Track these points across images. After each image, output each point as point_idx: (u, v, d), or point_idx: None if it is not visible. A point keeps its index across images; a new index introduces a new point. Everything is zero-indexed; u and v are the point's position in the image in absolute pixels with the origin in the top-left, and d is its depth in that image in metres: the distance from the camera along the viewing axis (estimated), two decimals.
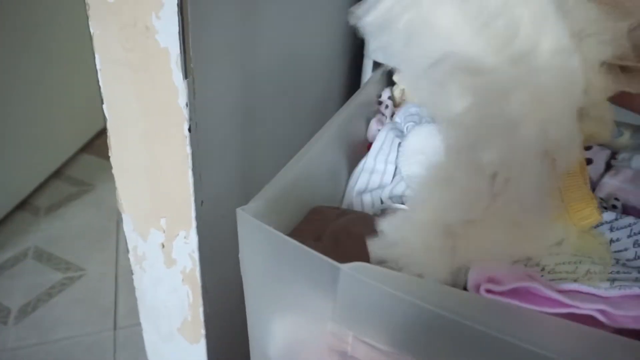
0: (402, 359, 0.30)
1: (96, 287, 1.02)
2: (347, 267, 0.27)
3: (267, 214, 0.33)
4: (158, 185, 0.40)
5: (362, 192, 0.49)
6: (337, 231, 0.36)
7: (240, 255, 0.34)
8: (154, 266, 0.45)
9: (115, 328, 0.92)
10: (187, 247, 0.41)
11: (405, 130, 0.50)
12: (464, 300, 0.26)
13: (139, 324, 0.52)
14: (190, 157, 0.36)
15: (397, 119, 0.52)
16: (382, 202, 0.48)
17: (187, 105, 0.34)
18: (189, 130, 0.35)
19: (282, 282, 0.32)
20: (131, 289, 0.49)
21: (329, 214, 0.40)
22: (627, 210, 0.43)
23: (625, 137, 0.50)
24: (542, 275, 0.29)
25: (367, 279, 0.26)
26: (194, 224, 0.39)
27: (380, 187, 0.48)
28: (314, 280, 0.29)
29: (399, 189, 0.47)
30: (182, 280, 0.44)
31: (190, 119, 0.35)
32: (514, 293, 0.28)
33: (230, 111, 0.43)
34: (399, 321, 0.27)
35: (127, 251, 0.45)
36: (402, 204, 0.46)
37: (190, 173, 0.37)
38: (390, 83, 0.63)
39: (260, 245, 0.32)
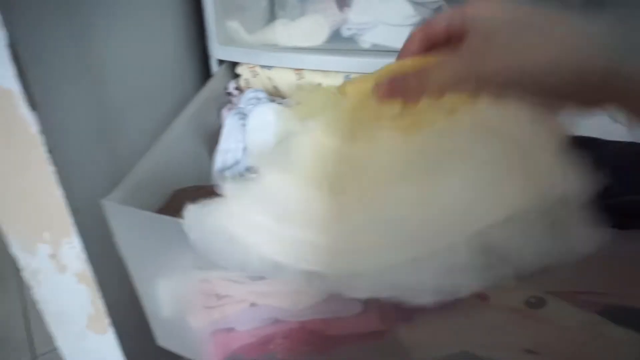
0: (258, 280, 0.41)
1: (7, 325, 1.01)
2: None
3: (132, 200, 0.41)
4: (34, 205, 0.46)
5: (222, 170, 0.58)
6: (190, 197, 0.45)
7: (116, 240, 0.41)
8: (48, 277, 0.50)
9: (35, 358, 0.94)
10: (73, 251, 0.47)
11: (247, 112, 0.59)
12: None
13: (56, 347, 0.57)
14: (55, 174, 0.43)
15: (240, 104, 0.62)
16: (241, 175, 0.58)
17: (40, 132, 0.41)
18: (49, 152, 0.42)
19: (153, 252, 0.40)
20: (43, 320, 0.54)
21: (188, 191, 0.48)
22: None
23: None
24: None
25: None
26: (73, 230, 0.46)
27: (236, 163, 0.58)
28: (172, 240, 0.38)
29: (250, 160, 0.57)
30: (77, 281, 0.50)
31: (48, 143, 0.41)
32: None
33: (88, 128, 0.49)
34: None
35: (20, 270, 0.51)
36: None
37: (59, 188, 0.44)
38: (236, 76, 0.72)
39: (128, 226, 0.40)
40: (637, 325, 0.40)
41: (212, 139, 0.63)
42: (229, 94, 0.69)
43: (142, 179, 0.44)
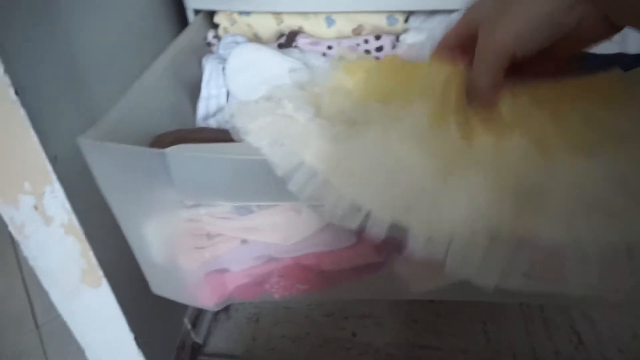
0: (246, 214, 0.40)
1: (7, 297, 1.02)
2: (169, 150, 0.34)
3: (110, 139, 0.39)
4: (10, 154, 0.44)
5: (206, 118, 0.56)
6: (176, 139, 0.43)
7: (96, 181, 0.40)
8: (34, 229, 0.49)
9: (37, 327, 0.94)
10: (57, 201, 0.46)
11: (226, 56, 0.57)
12: None
13: (59, 317, 0.56)
14: (26, 118, 0.41)
15: (219, 51, 0.59)
16: (227, 122, 0.56)
17: (5, 71, 0.39)
18: (16, 93, 0.40)
19: (135, 191, 0.39)
20: (43, 290, 0.53)
21: (169, 135, 0.47)
22: None
23: (400, 23, 0.62)
24: None
25: (189, 153, 0.34)
26: (54, 177, 0.44)
27: (220, 109, 0.56)
28: (155, 175, 0.36)
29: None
30: (65, 233, 0.49)
31: (14, 84, 0.39)
32: None
33: (58, 75, 0.47)
34: (228, 180, 0.36)
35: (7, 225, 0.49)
36: None
37: (32, 133, 0.42)
38: (215, 26, 0.70)
39: (107, 165, 0.38)
40: None
41: (195, 90, 0.61)
42: (209, 44, 0.66)
43: (119, 120, 0.42)
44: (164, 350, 0.71)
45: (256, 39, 0.67)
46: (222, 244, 0.43)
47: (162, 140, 0.46)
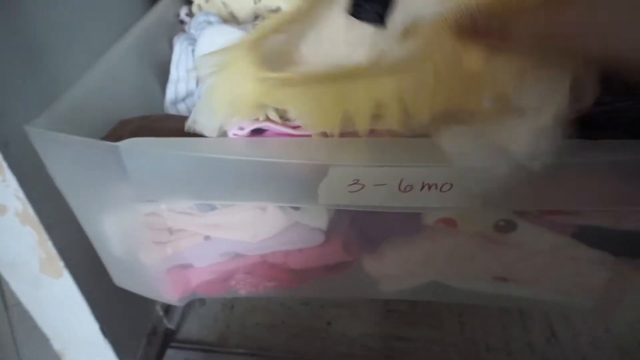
0: (209, 211, 0.38)
1: None
2: (123, 144, 0.32)
3: (64, 128, 0.36)
4: None
5: (175, 102, 0.53)
6: (138, 128, 0.41)
7: (49, 172, 0.37)
8: None
9: (5, 307, 0.92)
10: (9, 189, 0.44)
11: (197, 37, 0.54)
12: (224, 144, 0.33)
13: None
14: None
15: (191, 30, 0.56)
16: None
17: None
18: None
19: (90, 184, 0.37)
20: None
21: (134, 121, 0.44)
22: None
23: None
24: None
25: (144, 147, 0.32)
26: (4, 165, 0.42)
27: (189, 94, 0.53)
28: (109, 169, 0.34)
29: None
30: (21, 222, 0.46)
31: None
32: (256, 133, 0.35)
33: (10, 53, 0.44)
34: (186, 178, 0.34)
35: None
36: None
37: None
38: (189, 2, 0.66)
39: (60, 156, 0.36)
40: (608, 246, 0.38)
41: (165, 71, 0.57)
42: (181, 21, 0.63)
43: (76, 104, 0.39)
44: (133, 338, 0.69)
45: (231, 18, 0.63)
46: (184, 239, 0.41)
47: (124, 128, 0.43)
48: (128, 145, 0.32)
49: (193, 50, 0.52)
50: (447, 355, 0.76)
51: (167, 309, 0.81)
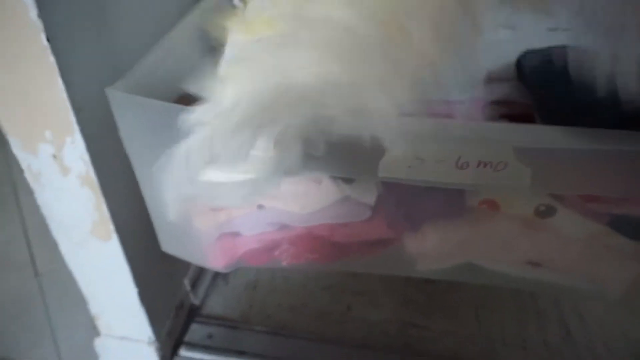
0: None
1: (8, 246, 1.02)
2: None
3: (137, 92, 0.39)
4: (35, 101, 0.44)
5: None
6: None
7: (120, 134, 0.40)
8: (51, 178, 0.50)
9: (36, 275, 0.95)
10: (76, 151, 0.46)
11: None
12: None
13: (59, 267, 0.56)
14: (56, 66, 0.41)
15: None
16: None
17: (38, 16, 0.38)
18: (48, 40, 0.39)
19: (159, 148, 0.39)
20: (44, 240, 0.53)
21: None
22: None
23: None
24: None
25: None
26: (77, 128, 0.44)
27: None
28: (180, 135, 0.36)
29: None
30: (81, 184, 0.49)
31: (46, 30, 0.39)
32: None
33: (87, 22, 0.46)
34: None
35: (22, 171, 0.50)
36: None
37: (60, 82, 0.42)
38: None
39: (134, 118, 0.38)
40: None
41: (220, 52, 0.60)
42: (234, 6, 0.66)
43: (146, 74, 0.42)
44: (164, 308, 0.72)
45: None
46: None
47: (187, 100, 0.46)
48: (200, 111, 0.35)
49: None
50: (464, 346, 0.78)
51: (194, 284, 0.83)
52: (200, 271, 0.86)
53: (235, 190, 0.37)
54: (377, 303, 0.85)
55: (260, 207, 0.43)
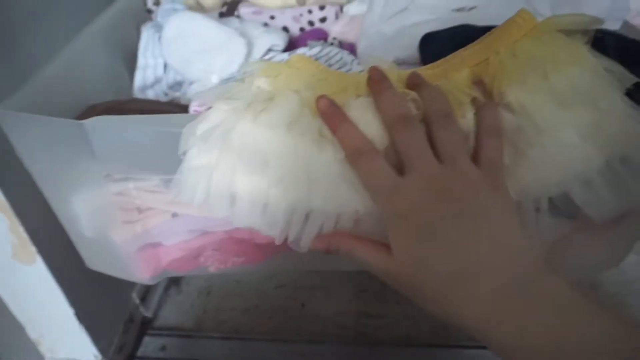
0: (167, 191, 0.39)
1: None
2: (88, 121, 0.33)
3: (32, 110, 0.37)
4: None
5: (143, 89, 0.55)
6: (107, 109, 0.42)
7: (18, 154, 0.38)
8: None
9: None
10: None
11: (163, 24, 0.55)
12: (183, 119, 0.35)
13: None
14: None
15: (157, 18, 0.57)
16: (165, 94, 0.55)
17: None
18: None
19: (59, 165, 0.38)
20: None
21: (103, 104, 0.45)
22: (344, 46, 0.55)
23: None
24: None
25: (108, 123, 0.33)
26: None
27: (157, 80, 0.54)
28: (77, 147, 0.35)
29: (171, 76, 0.54)
30: None
31: None
32: None
33: None
34: (151, 153, 0.35)
35: None
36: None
37: None
38: None
39: (29, 137, 0.37)
40: None
41: (133, 58, 0.59)
42: (149, 10, 0.64)
43: (44, 89, 0.40)
44: (109, 325, 0.71)
45: (198, 6, 0.65)
46: (152, 217, 0.43)
47: (93, 111, 0.45)
48: (94, 122, 0.34)
49: (159, 37, 0.53)
50: (418, 326, 0.79)
51: (144, 296, 0.82)
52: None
53: None
54: (332, 296, 0.85)
55: (174, 215, 0.43)
